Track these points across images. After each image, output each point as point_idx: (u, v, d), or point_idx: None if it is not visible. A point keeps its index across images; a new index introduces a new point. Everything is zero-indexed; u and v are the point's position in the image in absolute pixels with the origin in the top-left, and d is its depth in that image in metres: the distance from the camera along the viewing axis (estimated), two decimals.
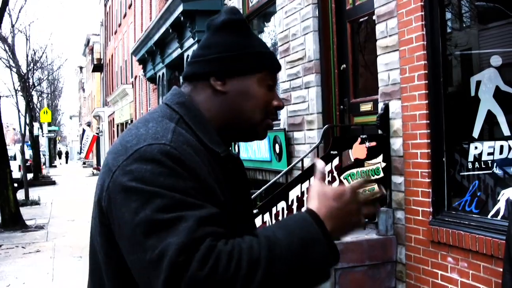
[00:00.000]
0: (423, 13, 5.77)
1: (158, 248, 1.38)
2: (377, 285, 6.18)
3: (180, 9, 13.29)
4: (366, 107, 7.16)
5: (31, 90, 29.05)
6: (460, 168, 5.71)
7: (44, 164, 41.22)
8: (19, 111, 24.06)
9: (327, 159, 6.14)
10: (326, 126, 7.18)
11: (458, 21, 6.11)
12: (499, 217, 5.12)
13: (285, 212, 6.08)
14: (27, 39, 28.72)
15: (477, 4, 5.95)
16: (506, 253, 3.02)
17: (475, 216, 5.36)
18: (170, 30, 15.27)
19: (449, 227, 5.42)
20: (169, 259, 1.35)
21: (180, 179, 1.47)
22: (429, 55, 5.75)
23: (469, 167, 5.54)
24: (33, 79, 29.52)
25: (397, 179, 6.19)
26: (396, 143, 6.17)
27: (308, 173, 6.14)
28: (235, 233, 1.46)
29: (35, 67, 30.40)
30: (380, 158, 6.20)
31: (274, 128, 9.20)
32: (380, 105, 6.41)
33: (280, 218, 6.03)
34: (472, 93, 5.53)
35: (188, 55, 14.43)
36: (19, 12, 34.81)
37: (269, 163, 9.32)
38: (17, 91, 24.19)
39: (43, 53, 33.30)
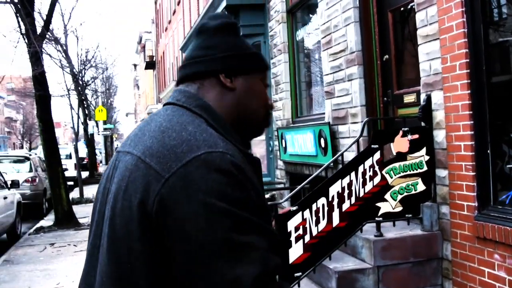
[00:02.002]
0: None
1: (232, 274, 1.39)
2: (422, 283, 6.02)
3: (223, 4, 13.24)
4: (409, 98, 6.98)
5: (84, 88, 29.53)
6: (508, 160, 5.49)
7: (101, 162, 41.93)
8: (72, 108, 24.47)
9: (368, 154, 6.00)
10: (366, 119, 7.03)
11: (500, 6, 5.88)
12: None
13: (326, 208, 5.96)
14: (77, 38, 29.21)
15: None
16: None
17: None
18: None
19: (495, 223, 5.22)
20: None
21: (246, 193, 1.49)
22: (470, 43, 5.55)
23: None
24: (84, 78, 29.98)
25: (441, 173, 6.00)
26: (439, 135, 5.98)
27: (349, 168, 6.01)
28: None
29: (87, 65, 30.85)
30: (423, 151, 6.02)
31: (319, 122, 9.13)
32: (422, 96, 6.23)
33: (320, 214, 5.93)
34: None
35: None
36: (71, 12, 35.42)
37: (315, 157, 9.21)
38: (70, 90, 24.60)
39: (95, 52, 33.84)
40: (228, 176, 1.46)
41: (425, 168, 6.02)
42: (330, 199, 5.97)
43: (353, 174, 5.96)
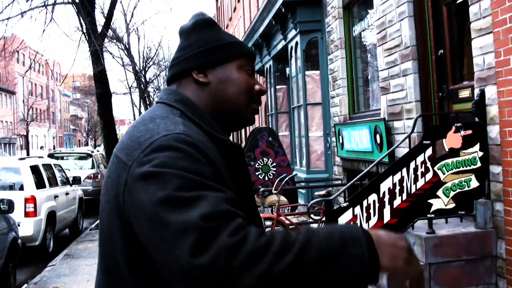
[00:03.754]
0: None
1: (181, 220, 1.42)
2: (475, 281, 5.96)
3: (280, 0, 13.33)
4: (465, 93, 6.90)
5: (146, 86, 30.05)
6: None
7: None
8: (134, 106, 24.97)
9: (420, 150, 5.98)
10: (418, 115, 6.99)
11: None
12: None
13: (377, 205, 5.97)
14: (138, 37, 29.77)
15: None
16: None
17: None
18: (273, 22, 15.35)
19: None
20: (196, 225, 1.40)
21: (198, 163, 1.56)
22: None
23: None
24: (146, 75, 30.52)
25: (495, 169, 5.93)
26: (493, 131, 5.91)
27: (400, 164, 6.01)
28: None
29: (149, 63, 31.37)
30: (477, 147, 5.97)
31: (374, 118, 9.12)
32: (476, 91, 6.16)
33: (371, 211, 5.95)
34: None
35: (291, 47, 14.46)
36: (133, 11, 36.09)
37: (371, 153, 9.20)
38: (131, 88, 25.11)
39: (157, 49, 34.37)
40: (178, 151, 1.56)
41: (479, 164, 5.96)
42: (381, 195, 5.98)
43: (404, 170, 5.95)
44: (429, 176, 5.95)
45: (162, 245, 1.44)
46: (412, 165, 5.95)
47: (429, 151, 5.97)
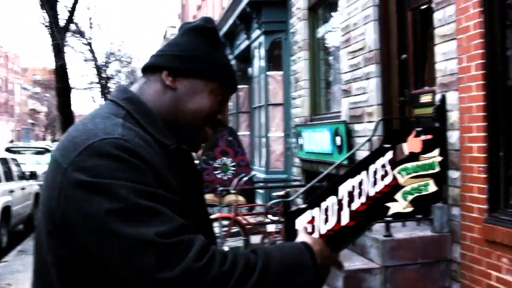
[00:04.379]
0: None
1: (137, 234, 1.41)
2: (430, 285, 5.99)
3: (246, 0, 13.29)
4: (426, 98, 6.94)
5: (107, 82, 29.77)
6: None
7: None
8: (94, 102, 24.74)
9: (380, 153, 5.96)
10: (380, 118, 7.01)
11: None
12: None
13: (335, 207, 5.94)
14: (101, 31, 29.49)
15: None
16: None
17: None
18: (238, 22, 15.30)
19: (505, 226, 5.18)
20: (154, 242, 1.41)
21: (138, 172, 1.50)
22: (487, 44, 5.51)
23: None
24: (107, 71, 30.23)
25: (453, 174, 5.97)
26: (453, 136, 5.95)
27: (360, 167, 5.99)
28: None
29: (111, 59, 31.08)
30: (436, 152, 5.95)
31: (336, 120, 9.12)
32: (438, 96, 6.20)
33: (329, 213, 5.92)
34: None
35: (255, 47, 14.43)
36: (96, 6, 35.76)
37: (331, 155, 9.21)
38: (93, 84, 24.85)
39: (120, 45, 34.08)
40: (118, 160, 1.50)
41: (438, 169, 5.94)
42: (340, 198, 5.93)
43: (364, 173, 5.91)
44: (388, 179, 5.91)
45: (120, 259, 1.44)
46: (372, 168, 5.91)
47: (389, 155, 5.94)
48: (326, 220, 5.87)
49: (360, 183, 5.95)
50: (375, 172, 5.95)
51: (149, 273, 1.40)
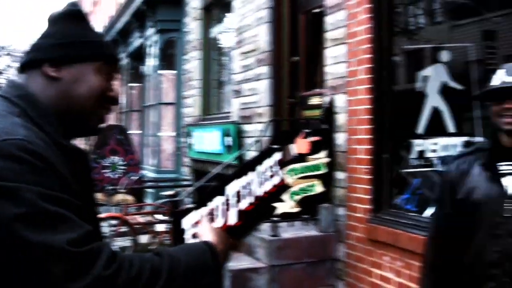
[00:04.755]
0: (371, 5, 5.65)
1: (47, 242, 1.34)
2: (316, 283, 6.05)
3: None
4: (315, 100, 7.03)
5: None
6: (403, 165, 5.61)
7: None
8: None
9: (269, 154, 5.98)
10: (270, 119, 7.04)
11: (406, 15, 6.01)
12: None
13: (223, 207, 5.90)
14: None
15: None
16: (424, 257, 2.91)
17: (413, 214, 5.26)
18: (133, 19, 15.02)
19: (387, 225, 5.32)
20: (65, 250, 1.35)
21: (43, 175, 1.43)
22: (375, 49, 5.64)
23: (412, 164, 5.44)
24: None
25: (339, 175, 6.07)
26: (340, 138, 6.05)
27: (248, 167, 5.98)
28: None
29: (1, 53, 29.91)
30: (324, 153, 6.06)
31: (226, 120, 9.09)
32: (326, 99, 6.29)
33: (217, 213, 5.87)
34: (419, 89, 5.43)
35: (149, 45, 14.20)
36: None
37: (221, 156, 9.16)
38: None
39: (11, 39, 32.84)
40: (22, 163, 1.41)
41: (324, 170, 6.05)
42: (227, 197, 5.92)
43: (252, 173, 5.92)
44: (276, 180, 5.96)
45: (28, 268, 1.35)
46: (260, 168, 5.93)
47: (277, 155, 5.98)
48: (213, 220, 5.85)
49: (248, 183, 5.97)
50: (263, 173, 5.98)
51: (60, 284, 1.34)
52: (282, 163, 5.99)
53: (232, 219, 5.86)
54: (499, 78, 2.57)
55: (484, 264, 2.53)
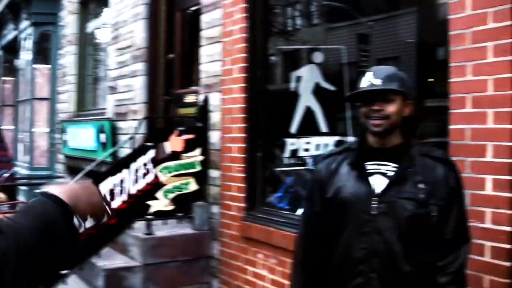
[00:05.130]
0: (246, 5, 5.59)
1: None
2: (190, 281, 5.94)
3: None
4: (190, 98, 6.91)
5: None
6: (276, 163, 5.60)
7: None
8: None
9: (143, 151, 5.82)
10: (144, 116, 6.87)
11: (282, 16, 6.01)
12: None
13: None
14: None
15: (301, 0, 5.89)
16: (295, 255, 2.88)
17: (286, 212, 5.25)
18: (6, 11, 14.29)
19: (260, 223, 5.28)
20: None
21: None
22: (249, 48, 5.58)
23: (285, 163, 5.43)
24: None
25: (213, 173, 5.98)
26: (214, 136, 5.96)
27: (122, 165, 5.80)
28: None
29: None
30: (198, 151, 5.96)
31: (101, 117, 8.81)
32: (201, 97, 6.19)
33: None
34: (292, 89, 5.42)
35: (23, 38, 13.57)
36: None
37: (95, 152, 8.85)
38: None
39: None
40: None
41: (199, 168, 5.96)
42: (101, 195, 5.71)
43: (125, 171, 5.74)
44: (150, 177, 5.80)
45: None
46: (134, 166, 5.76)
47: (151, 153, 5.83)
48: (86, 219, 5.62)
49: (122, 181, 5.79)
50: (137, 170, 5.81)
51: None
52: (156, 161, 5.84)
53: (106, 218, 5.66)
54: (368, 80, 2.58)
55: (352, 261, 2.55)
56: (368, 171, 2.59)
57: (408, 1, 4.72)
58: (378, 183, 2.55)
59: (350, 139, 4.72)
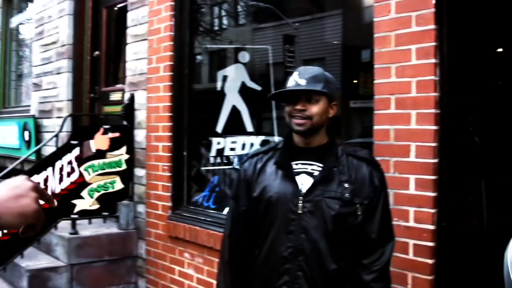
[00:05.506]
0: (173, 3, 5.47)
1: None
2: (116, 281, 5.78)
3: None
4: (116, 96, 6.73)
5: None
6: (202, 162, 5.52)
7: None
8: None
9: (67, 149, 5.63)
10: (68, 114, 6.66)
11: (208, 15, 5.93)
12: None
13: None
14: None
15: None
16: (221, 254, 2.82)
17: (211, 211, 5.16)
18: None
19: (186, 222, 5.17)
20: None
21: None
22: (176, 47, 5.46)
23: (211, 162, 5.35)
24: None
25: (139, 172, 5.84)
26: (140, 135, 5.82)
27: (46, 163, 5.60)
28: None
29: None
30: (123, 150, 5.81)
31: (25, 114, 8.50)
32: (127, 95, 6.04)
33: None
34: (219, 88, 5.35)
35: None
36: None
37: (19, 150, 8.53)
38: None
39: None
40: None
41: (124, 166, 5.81)
42: None
43: (50, 169, 5.54)
44: (74, 176, 5.62)
45: None
46: (58, 164, 5.57)
47: (76, 151, 5.64)
48: None
49: (46, 180, 5.58)
50: (61, 169, 5.61)
51: None
52: (81, 159, 5.66)
53: None
54: (294, 80, 2.56)
55: (278, 259, 2.52)
56: (294, 170, 2.56)
57: (334, 3, 4.72)
58: (304, 183, 2.52)
59: (276, 138, 4.69)
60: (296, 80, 2.55)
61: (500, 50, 6.12)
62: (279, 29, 5.09)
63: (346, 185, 2.49)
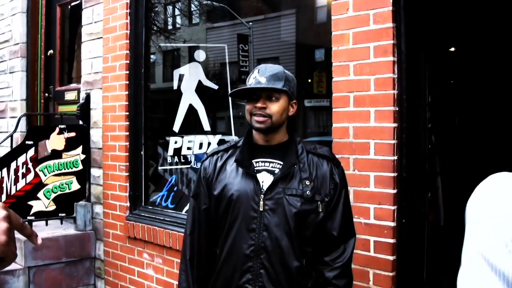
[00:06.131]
0: (128, 1, 5.34)
1: None
2: (75, 283, 5.62)
3: None
4: (71, 95, 6.54)
5: None
6: (160, 162, 5.40)
7: None
8: None
9: (22, 150, 5.45)
10: (22, 114, 6.46)
11: (164, 13, 5.80)
12: None
13: None
14: None
15: None
16: (182, 253, 2.74)
17: (170, 211, 5.05)
18: None
19: (145, 223, 5.05)
20: None
21: None
22: (131, 45, 5.32)
23: (168, 161, 5.25)
24: None
25: (96, 172, 5.68)
26: (96, 135, 5.66)
27: (0, 164, 5.41)
28: None
29: None
30: (80, 149, 5.65)
31: None
32: (82, 95, 5.87)
33: None
34: (175, 87, 5.24)
35: None
36: None
37: None
38: None
39: None
40: None
41: (81, 167, 5.65)
42: None
43: (4, 170, 5.35)
44: (30, 177, 5.44)
45: None
46: (13, 165, 5.38)
47: (31, 152, 5.46)
48: None
49: (1, 181, 5.40)
50: (16, 170, 5.42)
51: None
52: (36, 160, 5.49)
53: None
54: (254, 77, 2.51)
55: (241, 257, 2.48)
56: (255, 168, 2.53)
57: (288, 2, 4.67)
58: (265, 180, 2.49)
59: (233, 137, 4.62)
60: (257, 78, 2.50)
61: (452, 49, 6.18)
62: (233, 28, 5.02)
63: (307, 182, 2.47)
